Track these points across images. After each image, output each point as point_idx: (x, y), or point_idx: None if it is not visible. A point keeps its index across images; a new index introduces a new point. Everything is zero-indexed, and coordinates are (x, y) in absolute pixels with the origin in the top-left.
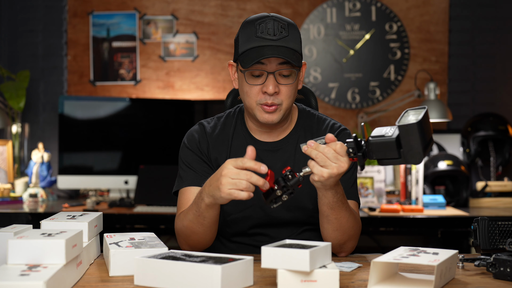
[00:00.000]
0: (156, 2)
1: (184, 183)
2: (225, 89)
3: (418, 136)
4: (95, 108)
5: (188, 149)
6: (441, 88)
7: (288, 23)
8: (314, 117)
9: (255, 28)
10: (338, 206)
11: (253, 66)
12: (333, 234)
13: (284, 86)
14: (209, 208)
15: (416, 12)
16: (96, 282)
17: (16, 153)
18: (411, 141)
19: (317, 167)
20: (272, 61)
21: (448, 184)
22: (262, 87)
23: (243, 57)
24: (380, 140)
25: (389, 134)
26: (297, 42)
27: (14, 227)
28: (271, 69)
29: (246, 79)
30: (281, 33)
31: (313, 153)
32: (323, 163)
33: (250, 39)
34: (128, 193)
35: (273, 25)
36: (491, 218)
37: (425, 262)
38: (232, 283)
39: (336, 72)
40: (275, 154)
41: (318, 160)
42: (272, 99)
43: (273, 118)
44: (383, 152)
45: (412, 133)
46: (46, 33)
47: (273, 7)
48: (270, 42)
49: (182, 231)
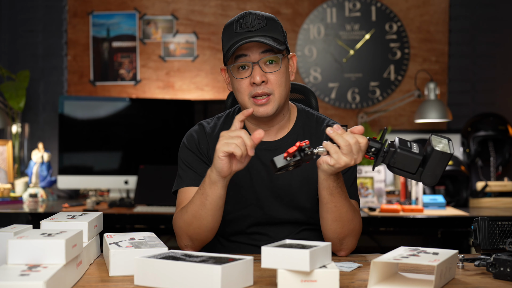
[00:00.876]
0: (156, 2)
1: (183, 183)
2: (225, 89)
3: (445, 165)
4: (95, 108)
5: (187, 149)
6: (441, 88)
7: (266, 17)
8: (313, 117)
9: (233, 26)
10: (338, 193)
11: (237, 60)
12: (332, 225)
13: (271, 74)
14: (212, 185)
15: (416, 12)
16: (96, 282)
17: (16, 153)
18: (438, 166)
19: (339, 154)
20: (254, 51)
21: (448, 184)
22: (250, 79)
23: (227, 55)
24: (408, 154)
25: (415, 151)
26: (277, 31)
27: (14, 227)
28: (254, 59)
29: (233, 74)
30: (259, 24)
31: (340, 140)
32: (346, 152)
33: (231, 36)
34: (128, 193)
35: (251, 19)
36: (491, 218)
37: (425, 262)
38: (232, 283)
39: (336, 72)
40: (274, 154)
41: (343, 148)
42: (261, 88)
43: (268, 109)
44: (404, 164)
45: (443, 161)
46: (46, 33)
47: (273, 7)
48: (249, 33)
49: (182, 221)
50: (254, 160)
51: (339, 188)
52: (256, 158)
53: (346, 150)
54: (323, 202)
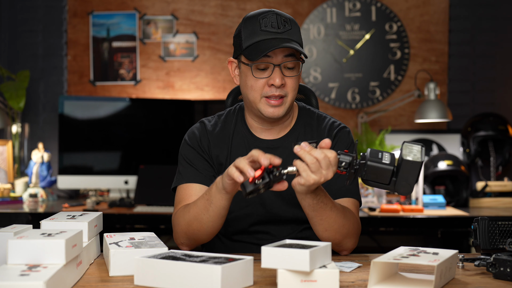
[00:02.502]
0: (156, 2)
1: (183, 179)
2: (225, 89)
3: (417, 173)
4: (95, 108)
5: (189, 146)
6: (441, 88)
7: (289, 18)
8: (314, 115)
9: (258, 23)
10: (321, 207)
11: (259, 60)
12: (324, 235)
13: (289, 78)
14: (218, 193)
15: (416, 12)
16: (96, 282)
17: (16, 153)
18: (410, 175)
19: (308, 172)
20: (278, 53)
21: (448, 184)
22: (268, 80)
23: (249, 51)
24: (378, 165)
25: (386, 161)
26: (299, 36)
27: (14, 227)
28: (277, 62)
29: (252, 72)
30: (285, 26)
31: (307, 157)
32: (315, 169)
33: (255, 33)
34: (128, 193)
35: (277, 19)
36: (491, 218)
37: (425, 262)
38: (232, 283)
39: (336, 72)
40: (275, 152)
41: (311, 166)
42: (278, 91)
43: (279, 111)
44: (376, 176)
45: (414, 169)
46: (46, 33)
47: (273, 7)
48: (276, 35)
49: (183, 220)
50: None
51: (321, 202)
52: None
53: (314, 168)
54: (308, 217)
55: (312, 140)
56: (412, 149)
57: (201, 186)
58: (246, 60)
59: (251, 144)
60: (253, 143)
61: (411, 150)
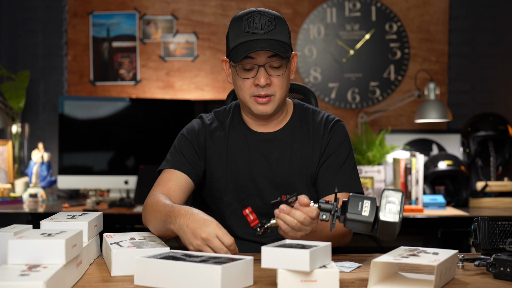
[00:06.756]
0: (156, 2)
1: (168, 164)
2: (225, 89)
3: (396, 228)
4: (95, 108)
5: (184, 136)
6: (441, 88)
7: (275, 16)
8: (308, 110)
9: (242, 24)
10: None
11: (243, 60)
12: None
13: (275, 77)
14: (172, 234)
15: (416, 12)
16: (96, 282)
17: (16, 153)
18: (389, 230)
19: (293, 232)
20: (261, 54)
21: (448, 184)
22: (254, 80)
23: (234, 53)
24: (357, 218)
25: (365, 214)
26: (285, 34)
27: (14, 227)
28: (261, 62)
29: (238, 73)
30: (268, 26)
31: (288, 220)
32: (298, 229)
33: (239, 35)
34: (128, 193)
35: (260, 20)
36: (491, 218)
37: (425, 262)
38: (232, 283)
39: (336, 72)
40: (272, 144)
41: (294, 227)
42: (264, 90)
43: (267, 109)
44: (357, 228)
45: (391, 228)
46: (46, 33)
47: (273, 7)
48: (258, 36)
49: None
50: (253, 151)
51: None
52: (256, 149)
53: (298, 227)
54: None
55: (290, 195)
56: (389, 201)
57: (182, 175)
58: (232, 62)
59: (249, 138)
60: (251, 136)
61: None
